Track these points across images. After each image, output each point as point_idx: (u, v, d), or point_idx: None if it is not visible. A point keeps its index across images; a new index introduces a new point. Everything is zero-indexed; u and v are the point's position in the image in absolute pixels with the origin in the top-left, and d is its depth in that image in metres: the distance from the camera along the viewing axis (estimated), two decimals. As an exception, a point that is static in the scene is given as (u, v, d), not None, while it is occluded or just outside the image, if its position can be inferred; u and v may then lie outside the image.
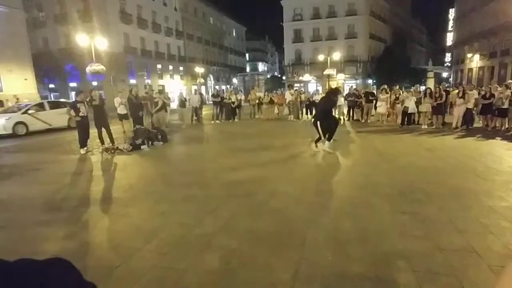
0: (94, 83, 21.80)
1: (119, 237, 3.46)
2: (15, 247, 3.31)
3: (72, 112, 8.31)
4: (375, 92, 14.68)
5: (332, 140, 7.36)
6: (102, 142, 8.98)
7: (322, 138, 7.24)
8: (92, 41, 17.07)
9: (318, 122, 7.23)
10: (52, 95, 35.44)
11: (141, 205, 4.43)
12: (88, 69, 17.02)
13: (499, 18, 31.10)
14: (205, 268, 2.76)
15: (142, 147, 8.71)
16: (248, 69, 68.41)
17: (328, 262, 2.75)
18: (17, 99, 19.77)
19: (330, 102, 7.56)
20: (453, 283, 2.42)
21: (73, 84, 32.64)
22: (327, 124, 7.18)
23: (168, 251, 3.07)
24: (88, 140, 8.82)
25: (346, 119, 14.67)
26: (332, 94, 7.81)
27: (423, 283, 2.42)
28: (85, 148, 8.53)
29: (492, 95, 10.66)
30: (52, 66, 30.74)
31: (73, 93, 29.33)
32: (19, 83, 24.89)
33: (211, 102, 17.26)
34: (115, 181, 5.92)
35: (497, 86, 11.53)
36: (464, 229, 3.28)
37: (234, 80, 57.65)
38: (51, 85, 34.64)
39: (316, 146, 7.40)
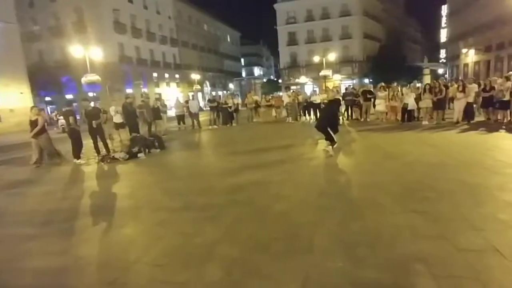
0: (91, 94, 21.62)
1: (114, 249, 3.25)
2: (1, 264, 3.10)
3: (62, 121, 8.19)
4: (372, 90, 14.52)
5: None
6: (98, 152, 8.79)
7: (335, 139, 7.23)
8: (87, 52, 16.94)
9: (328, 127, 7.26)
10: (49, 108, 35.33)
11: (138, 214, 4.22)
12: (84, 79, 16.85)
13: (493, 11, 31.15)
14: (206, 281, 2.55)
15: (139, 155, 8.51)
16: (244, 74, 68.46)
17: (339, 269, 2.54)
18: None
19: (334, 108, 7.86)
20: (478, 287, 2.21)
21: (69, 96, 32.48)
22: (336, 129, 7.44)
23: (167, 263, 2.87)
24: (83, 151, 8.63)
25: (345, 118, 14.50)
26: (335, 102, 7.94)
27: (444, 288, 2.21)
28: (80, 159, 8.34)
29: (492, 88, 10.50)
30: (48, 79, 30.65)
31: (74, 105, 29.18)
32: (15, 97, 24.77)
33: (208, 108, 17.13)
34: (111, 191, 5.71)
35: (497, 78, 11.40)
36: (481, 227, 3.08)
37: (231, 85, 57.66)
38: (48, 98, 34.53)
39: (332, 148, 7.23)
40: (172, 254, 3.03)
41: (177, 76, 43.14)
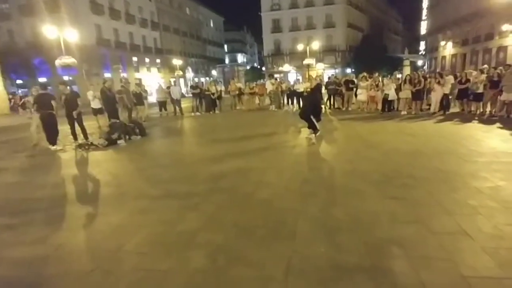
0: (66, 78, 20.65)
1: (95, 238, 3.19)
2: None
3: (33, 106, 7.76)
4: (355, 80, 14.71)
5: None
6: (76, 138, 8.48)
7: (318, 128, 7.43)
8: (61, 33, 16.05)
9: (311, 116, 7.39)
10: (20, 91, 33.52)
11: (119, 202, 4.13)
12: (58, 62, 16.05)
13: (471, 6, 32.00)
14: (190, 268, 2.55)
15: (118, 141, 8.29)
16: (227, 61, 67.44)
17: (322, 254, 2.62)
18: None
19: (317, 96, 7.99)
20: (450, 267, 2.35)
21: (43, 79, 30.89)
22: (319, 118, 7.60)
23: (149, 251, 2.84)
24: (59, 137, 8.30)
25: (327, 107, 14.67)
26: (317, 89, 8.07)
27: (419, 270, 2.33)
28: (56, 146, 8.02)
29: (468, 80, 10.87)
30: (20, 61, 28.90)
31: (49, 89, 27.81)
32: (-17, 80, 23.29)
33: (190, 95, 16.78)
34: (90, 178, 5.56)
35: (472, 71, 11.80)
36: (453, 212, 3.24)
37: (214, 72, 56.75)
38: (19, 81, 32.73)
39: (315, 136, 7.36)
40: (155, 242, 3.01)
41: (158, 61, 41.93)
